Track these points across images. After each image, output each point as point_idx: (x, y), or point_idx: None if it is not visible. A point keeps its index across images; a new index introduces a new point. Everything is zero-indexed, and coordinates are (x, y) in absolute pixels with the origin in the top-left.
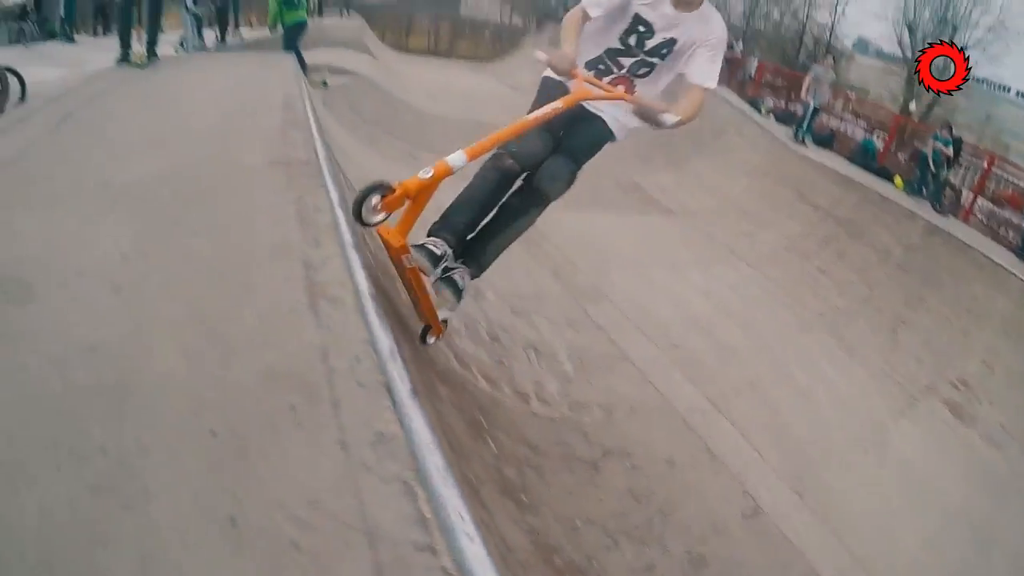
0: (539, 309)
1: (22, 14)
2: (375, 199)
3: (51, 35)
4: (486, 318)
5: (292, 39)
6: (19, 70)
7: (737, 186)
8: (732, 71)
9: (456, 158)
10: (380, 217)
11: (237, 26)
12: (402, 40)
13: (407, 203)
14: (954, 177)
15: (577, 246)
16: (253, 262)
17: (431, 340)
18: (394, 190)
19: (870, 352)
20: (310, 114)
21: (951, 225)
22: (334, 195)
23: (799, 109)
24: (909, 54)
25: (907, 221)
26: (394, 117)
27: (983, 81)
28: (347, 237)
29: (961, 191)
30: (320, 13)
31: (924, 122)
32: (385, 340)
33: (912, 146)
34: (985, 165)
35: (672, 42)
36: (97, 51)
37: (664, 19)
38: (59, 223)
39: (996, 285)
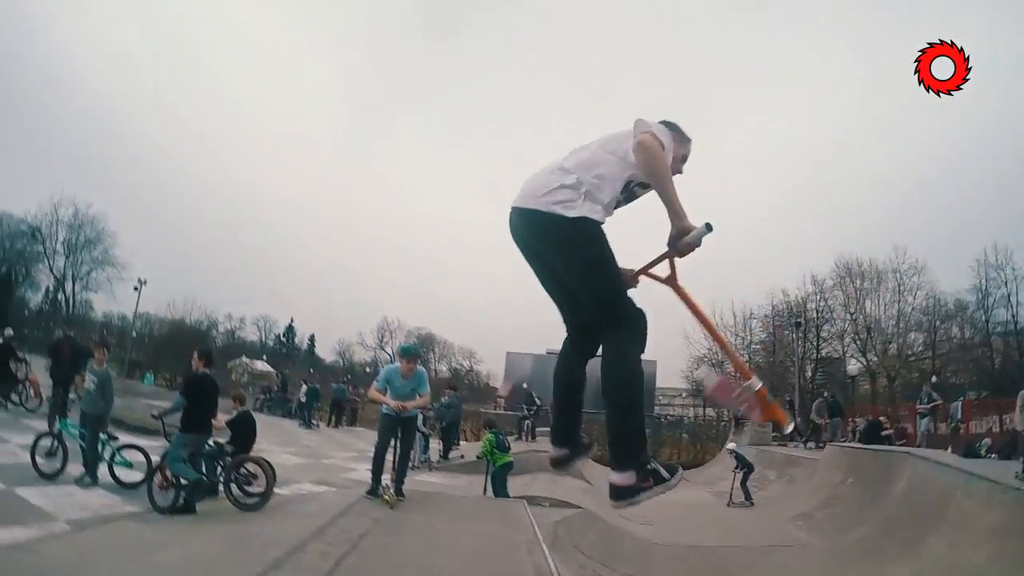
0: None
1: (271, 390)
2: None
3: (289, 414)
4: None
5: (501, 480)
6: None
7: (980, 555)
8: (938, 422)
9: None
10: None
11: (456, 443)
12: (606, 452)
13: None
14: None
15: None
16: None
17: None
18: None
19: None
20: None
21: None
22: None
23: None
24: None
25: None
26: (616, 549)
27: None
28: None
29: None
30: (532, 437)
31: None
32: None
33: None
34: None
35: None
36: (331, 445)
37: None
38: None
39: None
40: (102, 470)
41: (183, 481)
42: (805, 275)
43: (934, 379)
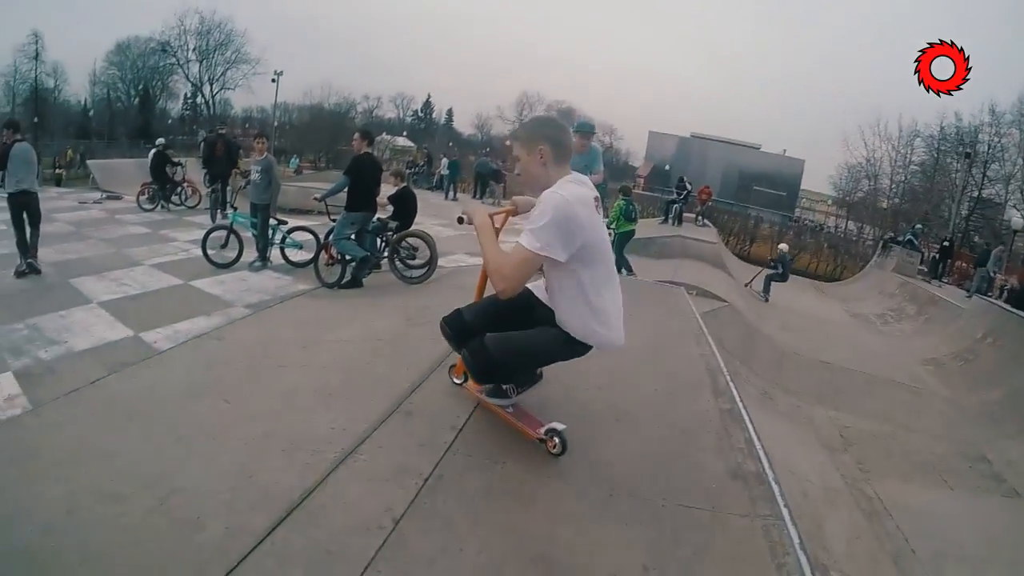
0: None
1: (417, 164)
2: None
3: (433, 187)
4: None
5: (619, 245)
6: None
7: None
8: None
9: None
10: None
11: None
12: (744, 248)
13: None
14: None
15: (919, 530)
16: None
17: None
18: None
19: None
20: (741, 406)
21: None
22: (793, 533)
23: None
24: None
25: None
26: (752, 350)
27: None
28: None
29: None
30: (679, 222)
31: None
32: None
33: None
34: None
35: None
36: None
37: None
38: None
39: None
40: (274, 254)
41: (347, 257)
42: (984, 103)
43: None
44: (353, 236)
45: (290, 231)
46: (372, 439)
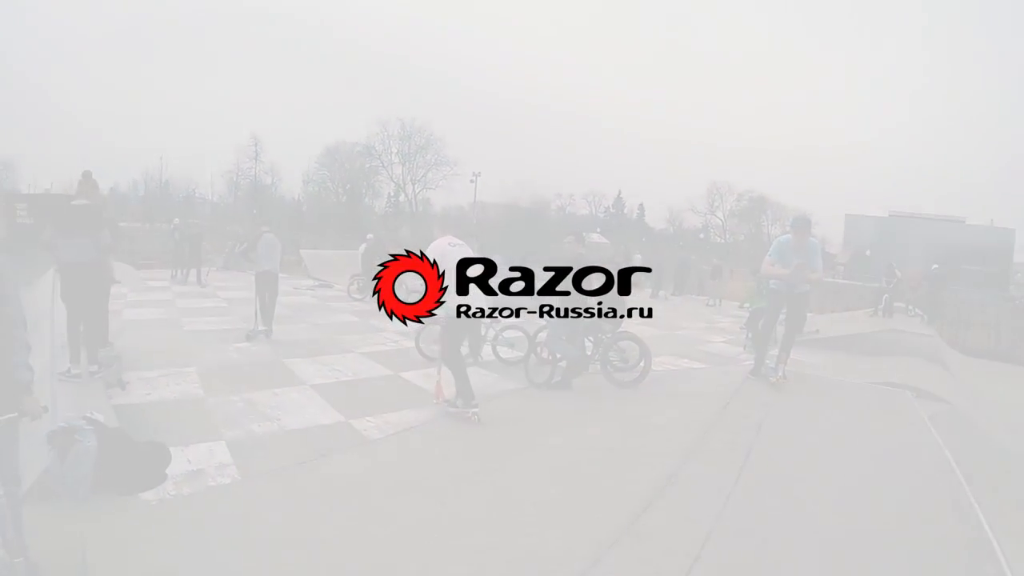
0: None
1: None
2: None
3: None
4: None
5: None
6: None
7: None
8: None
9: None
10: None
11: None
12: (959, 334)
13: None
14: None
15: None
16: None
17: None
18: None
19: None
20: (990, 535)
21: None
22: None
23: None
24: None
25: None
26: (982, 460)
27: None
28: None
29: None
30: (890, 314)
31: None
32: None
33: None
34: None
35: None
36: (681, 315)
37: None
38: None
39: None
40: (485, 350)
41: (558, 356)
42: None
43: None
44: (566, 337)
45: (503, 329)
46: (604, 564)
